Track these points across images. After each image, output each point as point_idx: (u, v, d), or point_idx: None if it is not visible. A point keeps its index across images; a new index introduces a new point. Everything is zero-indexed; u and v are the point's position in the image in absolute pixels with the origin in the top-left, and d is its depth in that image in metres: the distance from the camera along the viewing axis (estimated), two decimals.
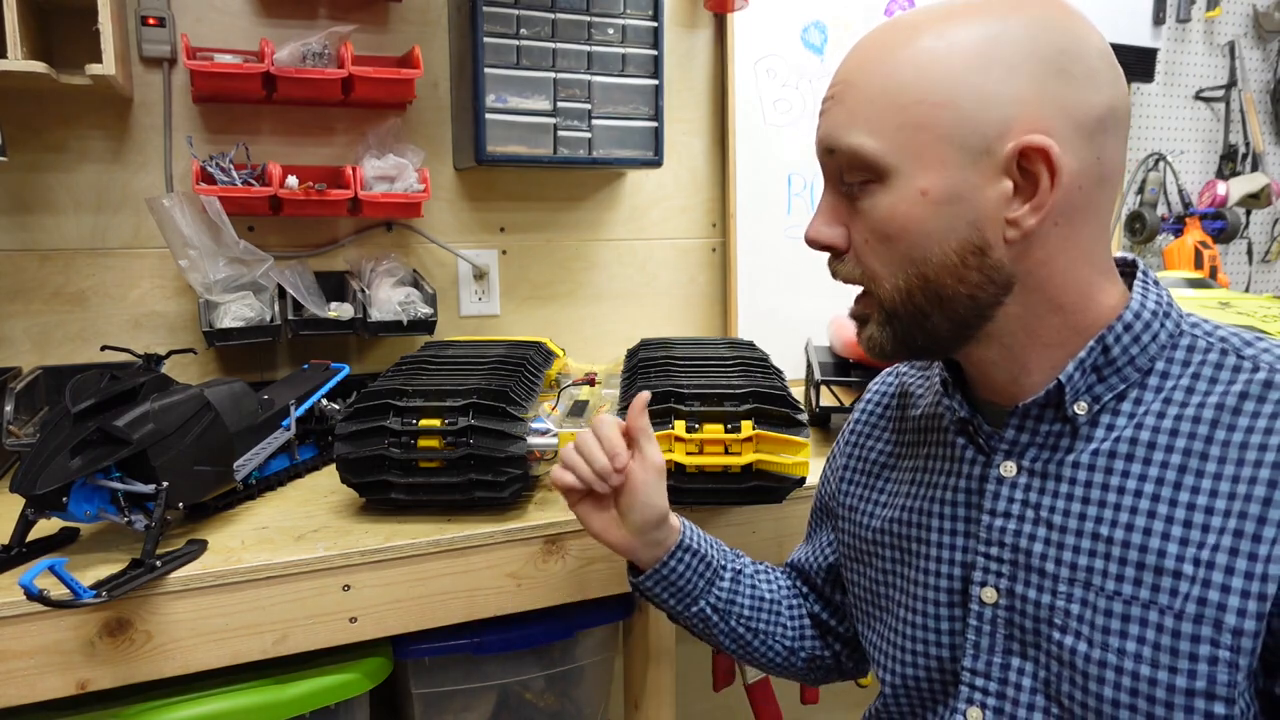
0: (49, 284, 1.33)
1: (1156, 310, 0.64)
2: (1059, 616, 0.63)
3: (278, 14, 1.40)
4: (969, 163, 0.59)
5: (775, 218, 1.76)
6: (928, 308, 0.63)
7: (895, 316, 0.65)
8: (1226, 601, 0.56)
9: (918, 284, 0.62)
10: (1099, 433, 0.63)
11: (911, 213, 0.61)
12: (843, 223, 0.66)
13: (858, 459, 0.83)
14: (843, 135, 0.62)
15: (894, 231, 0.62)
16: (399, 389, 0.99)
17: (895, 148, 0.60)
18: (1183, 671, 0.57)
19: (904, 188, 0.61)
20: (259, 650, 0.88)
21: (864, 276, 0.65)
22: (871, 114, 0.61)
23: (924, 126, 0.59)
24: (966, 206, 0.60)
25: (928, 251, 0.61)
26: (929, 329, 0.64)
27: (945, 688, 0.71)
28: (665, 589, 0.85)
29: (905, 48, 0.61)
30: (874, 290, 0.65)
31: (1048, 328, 0.64)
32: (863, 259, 0.65)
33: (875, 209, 0.62)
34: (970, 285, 0.62)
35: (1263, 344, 0.62)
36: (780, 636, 0.89)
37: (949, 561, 0.70)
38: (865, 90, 0.62)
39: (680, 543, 0.84)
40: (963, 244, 0.61)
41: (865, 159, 0.61)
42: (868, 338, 0.68)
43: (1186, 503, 0.59)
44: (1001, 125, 0.59)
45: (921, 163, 0.60)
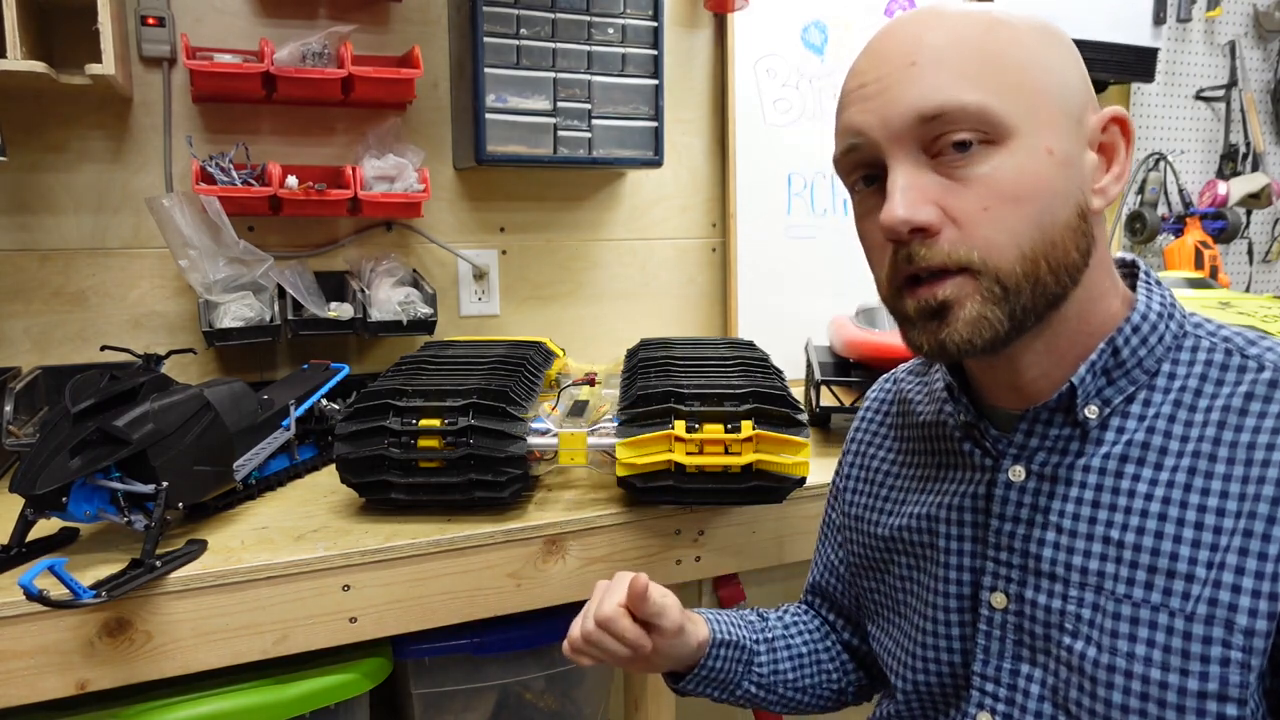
0: (49, 284, 1.33)
1: (1162, 311, 0.64)
2: (1069, 621, 0.62)
3: (278, 14, 1.40)
4: (1072, 128, 0.61)
5: (775, 218, 1.76)
6: (1049, 278, 0.59)
7: (1016, 289, 0.59)
8: (1238, 602, 0.56)
9: (1044, 249, 0.59)
10: (1109, 436, 0.63)
11: (1043, 171, 0.59)
12: (933, 200, 0.59)
13: (861, 468, 0.83)
14: (958, 93, 0.58)
15: (1025, 192, 0.58)
16: (399, 389, 0.99)
17: (1015, 107, 0.58)
18: (1194, 674, 0.57)
19: (1030, 147, 0.59)
20: (259, 650, 0.88)
21: (979, 250, 0.59)
22: (985, 73, 0.58)
23: (1037, 90, 0.59)
24: (1077, 170, 0.61)
25: (1056, 213, 0.59)
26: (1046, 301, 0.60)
27: (956, 692, 0.71)
28: (708, 687, 0.82)
29: (985, 20, 0.61)
30: (988, 264, 0.59)
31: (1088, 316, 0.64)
32: (977, 230, 0.58)
33: (1001, 170, 0.58)
34: (1081, 252, 0.61)
35: (1265, 343, 0.62)
36: (828, 684, 0.87)
37: (958, 567, 0.70)
38: (964, 52, 0.59)
39: (713, 639, 0.81)
40: (1079, 207, 0.61)
41: (990, 116, 0.58)
42: (974, 319, 0.59)
43: (1197, 505, 0.58)
44: (1085, 96, 0.62)
45: (1041, 123, 0.59)
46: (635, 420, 1.01)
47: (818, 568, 0.91)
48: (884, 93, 0.60)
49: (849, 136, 0.63)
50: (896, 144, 0.60)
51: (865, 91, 0.61)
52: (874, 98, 0.61)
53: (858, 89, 0.62)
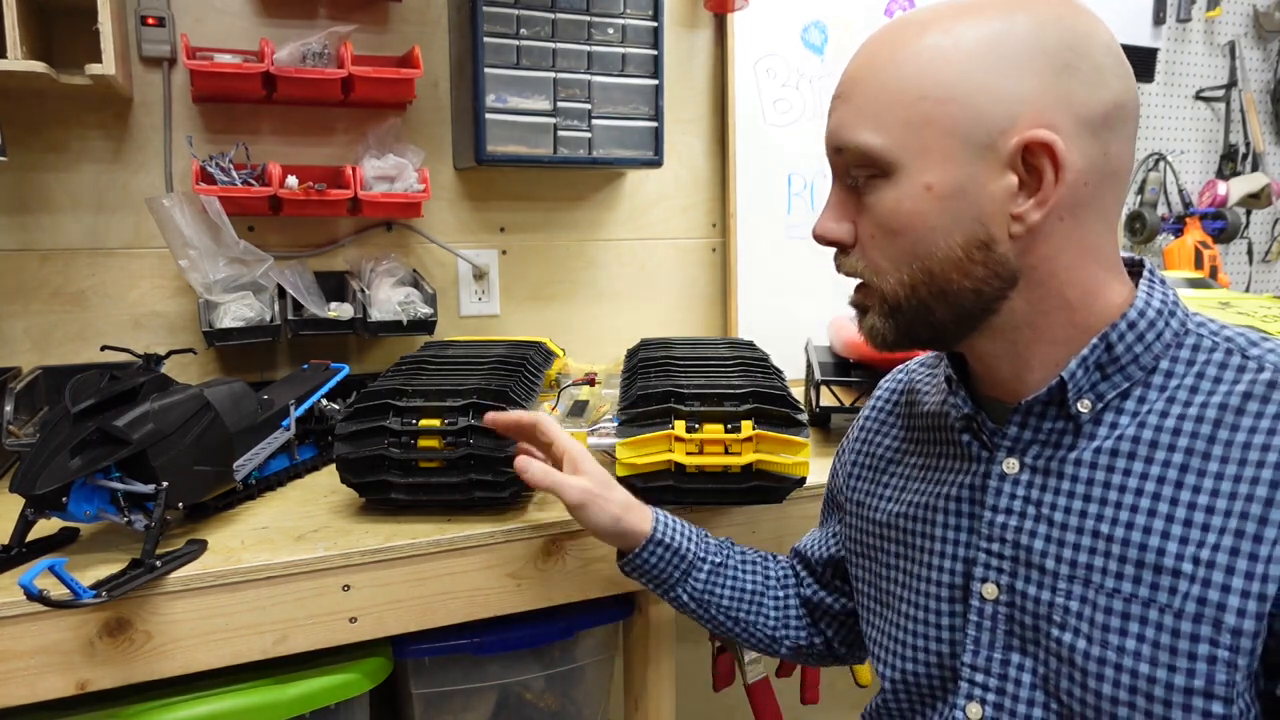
0: (49, 284, 1.33)
1: (1161, 309, 0.64)
2: (1059, 613, 0.63)
3: (278, 14, 1.40)
4: (974, 158, 0.60)
5: (775, 218, 1.76)
6: (931, 302, 0.64)
7: (898, 309, 0.65)
8: (1226, 601, 0.56)
9: (922, 278, 0.63)
10: (1102, 430, 0.63)
11: (916, 208, 0.61)
12: (850, 218, 0.67)
13: (866, 454, 0.84)
14: (849, 133, 0.63)
15: (899, 226, 0.63)
16: (399, 389, 0.99)
17: (900, 144, 0.61)
18: (1181, 670, 0.57)
19: (909, 183, 0.61)
20: (259, 650, 0.88)
21: (868, 270, 0.66)
22: (877, 111, 0.62)
23: (928, 122, 0.60)
24: (971, 201, 0.60)
25: (932, 246, 0.62)
26: (932, 321, 0.65)
27: (945, 684, 0.71)
28: (640, 576, 0.89)
29: (911, 45, 0.61)
30: (878, 284, 0.66)
31: (1052, 323, 0.64)
32: (867, 253, 0.66)
33: (880, 204, 0.63)
34: (975, 279, 0.62)
35: (1268, 344, 0.62)
36: (761, 626, 0.92)
37: (951, 557, 0.70)
38: (871, 87, 0.63)
39: (651, 536, 0.88)
40: (968, 238, 0.61)
41: (870, 155, 0.62)
42: (869, 327, 0.68)
43: (1188, 502, 0.59)
44: (1006, 120, 0.59)
45: (926, 158, 0.60)
46: (635, 420, 1.01)
47: (809, 537, 0.95)
48: (829, 117, 0.67)
49: None
50: (831, 163, 0.68)
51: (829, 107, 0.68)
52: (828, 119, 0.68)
53: None
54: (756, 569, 0.93)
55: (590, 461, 0.89)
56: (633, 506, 0.88)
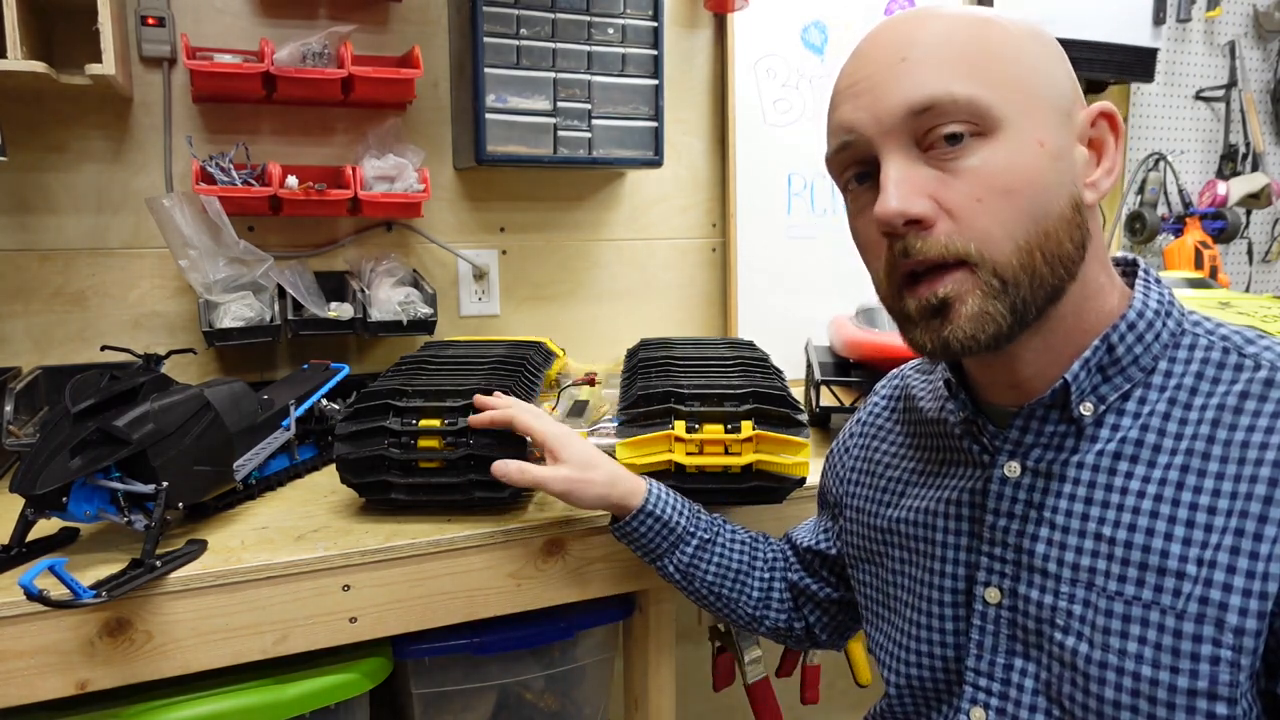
0: (49, 284, 1.33)
1: (1159, 309, 0.64)
2: (1061, 617, 0.63)
3: (278, 14, 1.40)
4: (1062, 123, 0.62)
5: (775, 218, 1.76)
6: (1044, 268, 0.60)
7: (1014, 282, 0.59)
8: (1228, 601, 0.56)
9: (1038, 241, 0.59)
10: (1104, 433, 0.63)
11: (1035, 163, 0.60)
12: (928, 192, 0.60)
13: (864, 460, 0.84)
14: (948, 86, 0.58)
15: (1018, 184, 0.59)
16: (399, 389, 0.99)
17: (1006, 100, 0.59)
18: (1184, 672, 0.57)
19: (1021, 139, 0.59)
20: (259, 650, 0.88)
21: (974, 243, 0.59)
22: (975, 67, 0.59)
23: (1026, 83, 0.61)
24: (1069, 163, 0.62)
25: (1049, 205, 0.60)
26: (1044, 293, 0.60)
27: (949, 688, 0.71)
28: (629, 542, 0.92)
29: (973, 15, 0.63)
30: (989, 256, 0.59)
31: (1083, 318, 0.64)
32: (972, 222, 0.59)
33: (992, 162, 0.59)
34: (1075, 243, 0.62)
35: (1264, 342, 0.62)
36: (743, 604, 0.94)
37: (954, 561, 0.70)
38: (956, 47, 0.60)
39: (643, 506, 0.90)
40: (1072, 200, 0.61)
41: (980, 108, 0.58)
42: (976, 315, 0.60)
43: (1189, 503, 0.59)
44: (1073, 93, 0.63)
45: (1032, 116, 0.60)
46: (635, 420, 1.01)
47: (803, 526, 0.97)
48: (874, 89, 0.61)
49: (840, 134, 0.64)
50: (888, 138, 0.61)
51: (856, 89, 0.62)
52: (865, 94, 0.62)
53: (848, 87, 0.63)
54: (744, 548, 0.94)
55: (570, 444, 0.91)
56: (619, 479, 0.90)
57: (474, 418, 0.94)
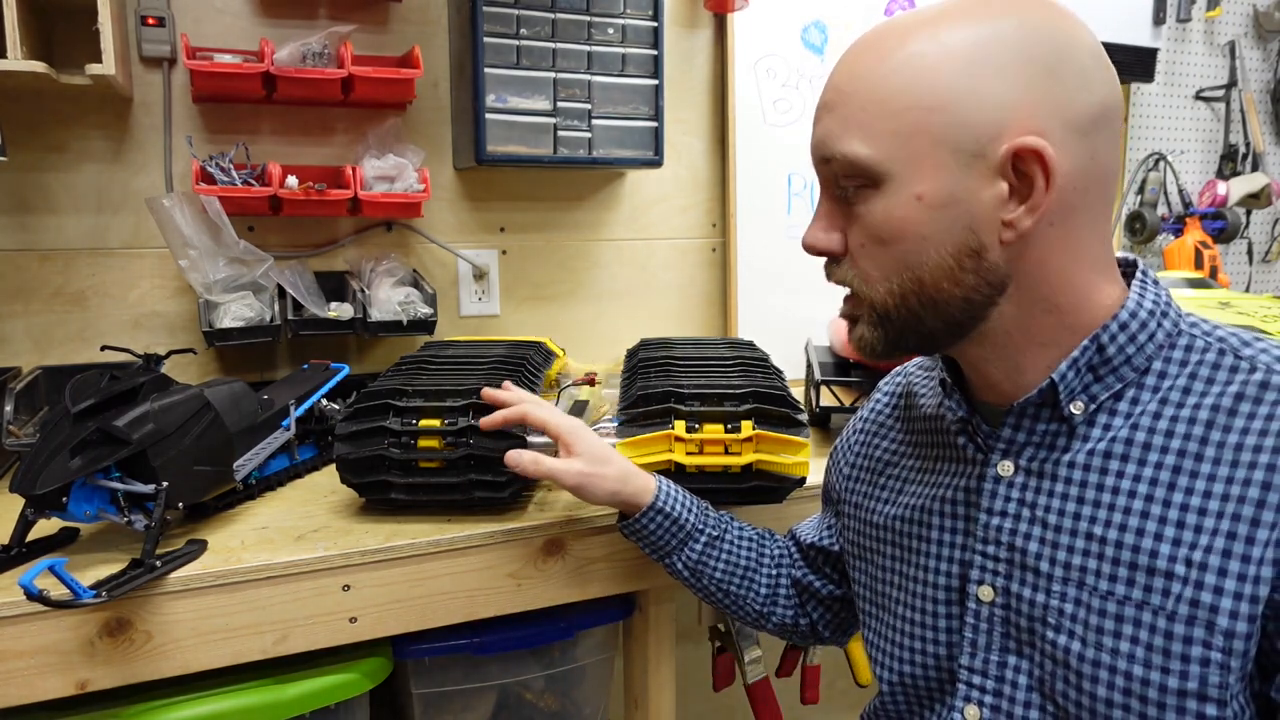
0: (49, 284, 1.33)
1: (1154, 310, 0.64)
2: (1053, 615, 0.63)
3: (278, 14, 1.40)
4: (963, 166, 0.60)
5: (775, 218, 1.76)
6: (921, 311, 0.64)
7: (887, 319, 0.65)
8: (1218, 603, 0.56)
9: (912, 287, 0.63)
10: (1095, 432, 0.63)
11: (908, 217, 0.61)
12: (839, 228, 0.66)
13: (865, 457, 0.84)
14: (836, 143, 0.63)
15: (889, 236, 0.62)
16: (399, 389, 0.99)
17: (889, 154, 0.61)
18: (1174, 672, 0.57)
19: (899, 193, 0.61)
20: (259, 650, 0.88)
21: (858, 280, 0.66)
22: (864, 121, 0.62)
23: (917, 132, 0.60)
24: (962, 210, 0.60)
25: (923, 255, 0.62)
26: (922, 330, 0.65)
27: (943, 685, 0.72)
28: (638, 540, 0.92)
29: (896, 53, 0.61)
30: (867, 293, 0.66)
31: (1042, 327, 0.64)
32: (858, 263, 0.66)
33: (870, 214, 0.63)
34: (965, 288, 0.62)
35: (1261, 344, 0.62)
36: (751, 601, 0.94)
37: (948, 559, 0.71)
38: (857, 97, 0.62)
39: (652, 504, 0.89)
40: (959, 247, 0.61)
41: (860, 166, 0.62)
42: (858, 337, 0.69)
43: (1180, 503, 0.59)
44: (995, 128, 0.59)
45: (916, 168, 0.60)
46: (635, 420, 1.01)
47: (807, 522, 0.97)
48: (814, 127, 0.67)
49: None
50: (818, 174, 0.67)
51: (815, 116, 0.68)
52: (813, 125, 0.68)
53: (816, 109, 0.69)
54: (752, 545, 0.95)
55: (584, 438, 0.90)
56: (631, 477, 0.90)
57: (485, 420, 0.93)
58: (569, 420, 0.92)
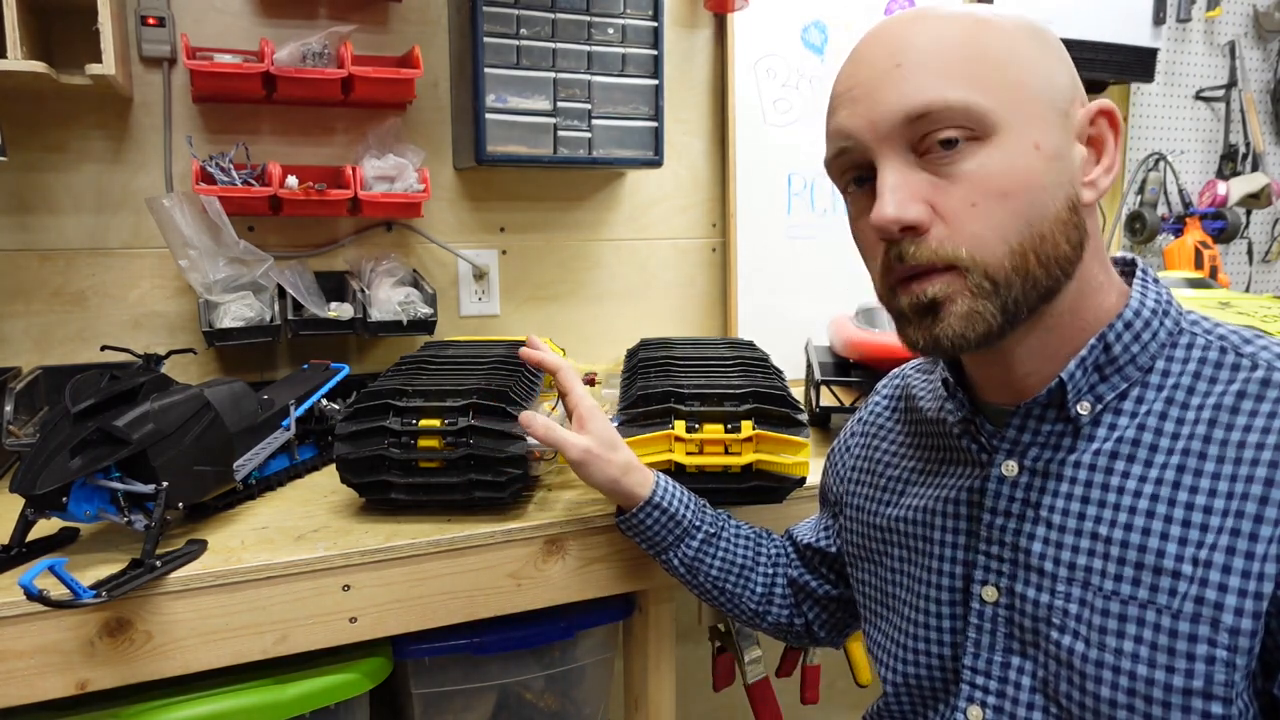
0: (49, 284, 1.33)
1: (1156, 308, 0.64)
2: (1057, 616, 0.63)
3: (278, 14, 1.40)
4: (1059, 123, 0.62)
5: (775, 218, 1.76)
6: (1037, 271, 0.60)
7: (1006, 284, 0.60)
8: (1224, 601, 0.56)
9: (1034, 243, 0.60)
10: (1101, 432, 0.63)
11: (1030, 166, 0.60)
12: (923, 197, 0.60)
13: (864, 459, 0.84)
14: (943, 91, 0.59)
15: (1013, 187, 0.59)
16: (399, 389, 0.99)
17: (1001, 103, 0.59)
18: (1180, 671, 0.57)
19: (1017, 142, 0.60)
20: (259, 650, 0.88)
21: (966, 246, 0.60)
22: (969, 71, 0.59)
23: (1021, 85, 0.60)
24: (1066, 164, 0.62)
25: (1044, 207, 0.60)
26: (1032, 297, 0.61)
27: (946, 686, 0.71)
28: (635, 535, 0.92)
29: (969, 17, 0.62)
30: (981, 258, 0.59)
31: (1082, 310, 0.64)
32: (966, 226, 0.60)
33: (988, 166, 0.59)
34: (1072, 243, 0.62)
35: (1261, 341, 0.62)
36: (746, 599, 0.94)
37: (951, 560, 0.71)
38: (951, 51, 0.60)
39: (650, 499, 0.90)
40: (1067, 200, 0.61)
41: (975, 113, 0.59)
42: (966, 314, 0.60)
43: (1185, 502, 0.59)
44: (1071, 91, 0.63)
45: (1028, 118, 0.60)
46: (635, 420, 1.01)
47: (805, 523, 0.97)
48: (870, 95, 0.61)
49: (838, 140, 0.65)
50: (885, 144, 0.61)
51: (853, 95, 0.63)
52: (861, 100, 0.62)
53: (845, 92, 0.64)
54: (749, 544, 0.95)
55: (599, 420, 0.91)
56: (633, 469, 0.90)
57: (529, 352, 0.96)
58: (591, 400, 0.93)
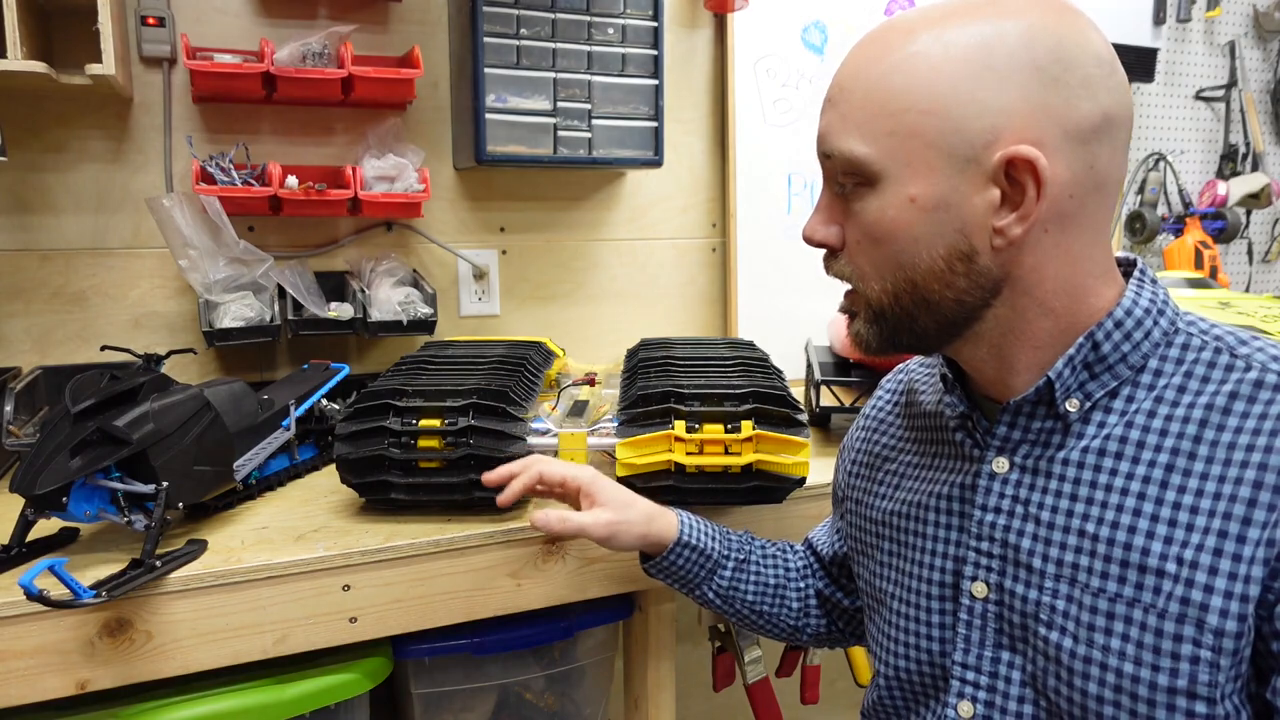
0: (49, 284, 1.33)
1: (1149, 308, 0.64)
2: (1045, 612, 0.63)
3: (278, 14, 1.40)
4: (957, 170, 0.60)
5: (775, 218, 1.76)
6: (914, 310, 0.64)
7: (882, 316, 0.66)
8: (1209, 601, 0.56)
9: (905, 287, 0.64)
10: (1090, 430, 0.64)
11: (900, 218, 0.62)
12: (838, 222, 0.67)
13: (865, 453, 0.84)
14: (835, 140, 0.64)
15: (882, 235, 0.63)
16: (399, 389, 0.99)
17: (885, 154, 0.61)
18: (1165, 670, 0.57)
19: (893, 193, 0.62)
20: (259, 650, 0.88)
21: (854, 275, 0.67)
22: (863, 120, 0.62)
23: (913, 134, 0.60)
24: (954, 214, 0.60)
25: (915, 256, 0.62)
26: (915, 329, 0.66)
27: (936, 681, 0.72)
28: (667, 577, 0.90)
29: (899, 51, 0.61)
30: (863, 290, 0.66)
31: (1036, 330, 0.64)
32: (854, 258, 0.66)
33: (865, 212, 0.64)
34: (957, 290, 0.62)
35: (1257, 343, 0.62)
36: (785, 617, 0.93)
37: (942, 555, 0.71)
38: (857, 96, 0.63)
39: (679, 539, 0.88)
40: (950, 250, 0.61)
41: (855, 163, 0.63)
42: (855, 333, 0.70)
43: (1172, 502, 0.59)
44: (990, 134, 0.58)
45: (911, 169, 0.60)
46: (635, 420, 1.01)
47: (821, 529, 0.97)
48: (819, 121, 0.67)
49: None
50: (821, 166, 0.67)
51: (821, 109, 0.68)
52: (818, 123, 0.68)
53: None
54: (777, 562, 0.94)
55: (605, 487, 0.88)
56: (655, 517, 0.88)
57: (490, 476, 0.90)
58: (586, 470, 0.90)
